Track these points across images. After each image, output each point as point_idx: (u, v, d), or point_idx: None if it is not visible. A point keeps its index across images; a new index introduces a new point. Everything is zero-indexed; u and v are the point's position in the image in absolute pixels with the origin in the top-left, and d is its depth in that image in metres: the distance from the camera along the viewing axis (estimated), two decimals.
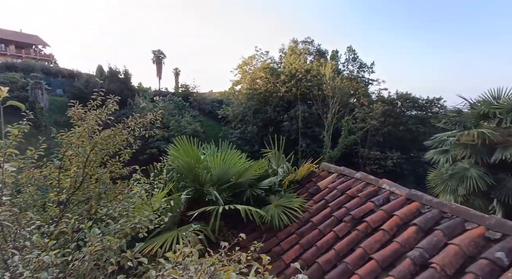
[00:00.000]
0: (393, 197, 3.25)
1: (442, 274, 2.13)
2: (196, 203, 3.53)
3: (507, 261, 2.03)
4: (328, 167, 4.40)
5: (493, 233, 2.29)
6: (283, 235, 3.33)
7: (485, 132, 6.18)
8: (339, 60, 31.69)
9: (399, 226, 2.78)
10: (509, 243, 2.15)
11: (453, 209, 2.66)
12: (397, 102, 25.62)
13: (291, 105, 24.63)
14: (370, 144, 21.97)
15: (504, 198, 5.96)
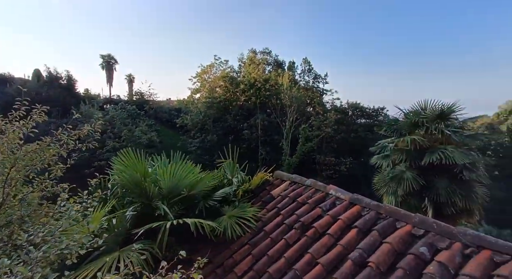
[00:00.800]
0: (338, 202, 3.46)
1: (377, 272, 2.32)
2: (144, 219, 3.32)
3: (429, 255, 2.30)
4: (281, 175, 4.53)
5: (417, 230, 2.58)
6: (236, 246, 3.30)
7: (416, 138, 7.01)
8: (296, 71, 33.36)
9: (343, 229, 2.97)
10: (429, 239, 2.44)
11: (387, 210, 2.93)
12: (348, 111, 27.77)
13: (251, 113, 25.01)
14: (325, 151, 23.28)
15: (433, 196, 6.79)
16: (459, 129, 7.10)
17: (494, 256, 2.10)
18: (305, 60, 33.06)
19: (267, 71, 30.58)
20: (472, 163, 6.70)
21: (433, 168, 6.92)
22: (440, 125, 7.21)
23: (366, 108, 27.23)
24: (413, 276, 2.19)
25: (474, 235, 2.27)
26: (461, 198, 6.59)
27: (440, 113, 7.28)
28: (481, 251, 2.17)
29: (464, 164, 6.59)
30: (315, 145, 22.03)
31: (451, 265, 2.12)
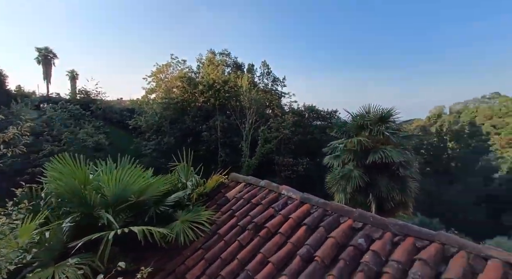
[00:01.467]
0: (290, 201, 3.61)
1: (322, 265, 2.48)
2: (85, 230, 3.04)
3: (365, 245, 2.54)
4: (237, 178, 4.55)
5: (357, 223, 2.83)
6: (189, 252, 3.22)
7: (362, 139, 7.68)
8: (255, 73, 33.91)
9: (293, 227, 3.11)
10: (367, 230, 2.69)
11: (332, 207, 3.16)
12: (305, 113, 29.19)
13: (210, 115, 24.65)
14: (284, 152, 24.08)
15: (377, 193, 7.50)
16: (396, 131, 7.98)
17: (416, 242, 2.41)
18: (264, 63, 33.81)
19: (226, 72, 30.48)
20: (406, 161, 7.60)
21: (375, 166, 7.66)
22: (381, 127, 8.02)
23: (321, 111, 28.94)
24: (352, 266, 2.40)
25: (402, 225, 2.58)
26: (398, 192, 7.42)
27: (381, 116, 8.11)
28: (406, 239, 2.48)
29: (400, 162, 7.44)
30: (274, 146, 22.64)
31: (382, 253, 2.37)
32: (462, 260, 2.09)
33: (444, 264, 2.15)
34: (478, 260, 2.07)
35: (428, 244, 2.35)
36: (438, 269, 2.12)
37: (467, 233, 20.87)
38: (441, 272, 2.09)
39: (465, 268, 2.02)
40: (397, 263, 2.23)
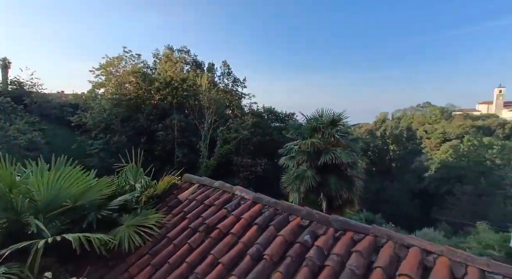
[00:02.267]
0: (243, 201, 3.65)
1: (271, 263, 2.56)
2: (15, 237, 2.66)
3: (311, 242, 2.69)
4: (190, 178, 4.45)
5: (305, 221, 2.99)
6: (134, 258, 3.04)
7: (314, 141, 8.13)
8: (215, 73, 33.47)
9: (245, 227, 3.15)
10: (312, 227, 2.86)
11: (283, 206, 3.28)
12: (264, 115, 29.76)
13: (167, 113, 23.52)
14: (243, 153, 24.17)
15: (327, 191, 8.01)
16: (345, 134, 8.63)
17: (354, 236, 2.64)
18: (224, 63, 33.57)
19: (185, 70, 29.49)
20: (353, 162, 8.27)
21: (326, 166, 8.17)
22: (332, 130, 8.59)
23: (279, 113, 29.82)
24: (298, 262, 2.52)
25: (343, 220, 2.80)
26: (346, 191, 8.03)
27: (332, 120, 8.69)
28: (346, 233, 2.69)
29: (348, 163, 8.06)
30: (233, 147, 22.58)
31: (325, 248, 2.55)
32: (389, 249, 2.35)
33: (375, 254, 2.39)
34: (402, 248, 2.35)
35: (364, 237, 2.59)
36: (370, 258, 2.35)
37: (402, 226, 23.50)
38: (372, 261, 2.32)
39: (392, 256, 2.28)
40: (337, 256, 2.41)
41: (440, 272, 1.99)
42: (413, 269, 2.07)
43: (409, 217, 31.14)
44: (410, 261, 2.15)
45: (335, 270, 2.31)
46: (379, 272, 2.16)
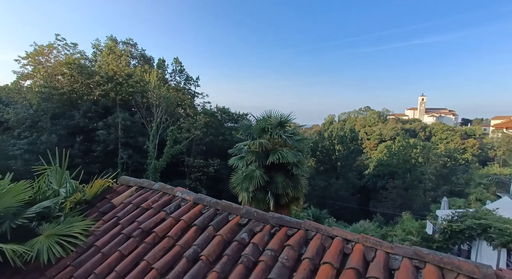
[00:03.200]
0: (183, 203, 3.56)
1: (207, 263, 2.54)
2: None
3: (248, 239, 2.75)
4: (127, 181, 4.16)
5: (244, 219, 3.05)
6: (54, 271, 2.71)
7: (263, 142, 8.34)
8: (166, 69, 31.92)
9: (184, 229, 3.07)
10: (250, 225, 2.93)
11: (223, 206, 3.29)
12: (217, 114, 29.46)
13: (109, 111, 21.55)
14: (195, 153, 23.56)
15: (274, 190, 8.29)
16: (292, 135, 9.05)
17: (288, 231, 2.79)
18: (176, 60, 32.27)
19: (131, 65, 27.44)
20: (299, 161, 8.72)
21: (274, 166, 8.45)
22: (280, 131, 8.92)
23: (233, 113, 29.87)
24: (234, 260, 2.55)
25: (278, 217, 2.93)
26: (292, 189, 8.42)
27: (280, 121, 9.03)
28: (281, 229, 2.83)
29: (294, 162, 8.46)
30: (184, 147, 21.81)
31: (260, 244, 2.63)
32: (317, 241, 2.54)
33: (305, 246, 2.56)
34: (328, 239, 2.57)
35: (296, 232, 2.75)
36: (300, 251, 2.52)
37: (345, 219, 25.74)
38: (302, 253, 2.49)
39: (319, 246, 2.47)
40: (271, 251, 2.52)
41: (355, 256, 2.23)
42: (334, 256, 2.28)
43: (351, 210, 34.21)
44: (332, 250, 2.36)
45: (268, 265, 2.40)
46: (306, 262, 2.32)
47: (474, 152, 59.26)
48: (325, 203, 32.58)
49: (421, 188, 37.07)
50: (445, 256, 2.00)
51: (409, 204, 33.38)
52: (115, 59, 24.46)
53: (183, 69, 31.56)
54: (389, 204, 34.81)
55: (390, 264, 2.17)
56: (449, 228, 8.48)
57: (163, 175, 20.58)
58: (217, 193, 24.02)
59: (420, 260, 2.10)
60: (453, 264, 1.94)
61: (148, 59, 30.35)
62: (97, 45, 26.06)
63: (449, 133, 73.04)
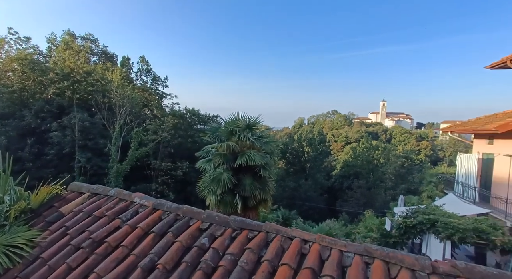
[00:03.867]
0: (142, 209, 3.39)
1: (164, 271, 2.44)
2: None
3: (208, 244, 2.70)
4: (79, 187, 3.85)
5: (205, 224, 2.98)
6: None
7: (231, 144, 8.30)
8: (132, 68, 30.41)
9: (140, 237, 2.92)
10: (212, 230, 2.88)
11: (184, 211, 3.19)
12: (187, 116, 28.72)
13: (64, 111, 19.86)
14: (162, 156, 22.65)
15: (242, 192, 8.27)
16: (259, 137, 9.13)
17: (249, 234, 2.79)
18: (142, 59, 30.88)
19: (91, 62, 25.66)
20: (267, 163, 8.81)
21: (242, 168, 8.45)
22: (248, 133, 8.95)
23: (202, 115, 29.33)
24: (193, 266, 2.48)
25: (239, 220, 2.92)
26: (260, 191, 8.48)
27: (248, 123, 9.06)
28: (242, 232, 2.82)
29: (261, 165, 8.54)
30: (150, 150, 20.86)
31: (221, 249, 2.60)
32: (277, 243, 2.57)
33: (265, 248, 2.58)
34: (287, 240, 2.62)
35: (257, 234, 2.76)
36: (260, 253, 2.53)
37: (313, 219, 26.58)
38: (262, 255, 2.50)
39: (278, 248, 2.50)
40: (231, 255, 2.49)
41: (311, 256, 2.30)
42: (292, 257, 2.33)
43: (320, 210, 35.43)
44: (291, 251, 2.41)
45: (227, 269, 2.38)
46: (266, 264, 2.34)
47: (427, 153, 65.07)
48: (294, 204, 33.35)
49: (382, 187, 39.71)
50: (390, 251, 2.15)
51: (372, 202, 35.54)
52: (73, 55, 22.64)
53: (150, 68, 30.30)
54: (354, 203, 36.74)
55: (343, 261, 2.27)
56: (403, 224, 9.17)
57: (127, 179, 19.48)
58: (186, 197, 23.33)
59: (370, 256, 2.23)
60: (397, 258, 2.09)
61: (111, 57, 28.60)
62: (52, 39, 23.86)
63: (406, 136, 79.40)
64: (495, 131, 11.31)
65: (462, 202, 12.16)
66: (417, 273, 2.00)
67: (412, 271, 2.02)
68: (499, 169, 12.36)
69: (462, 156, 14.75)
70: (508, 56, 11.02)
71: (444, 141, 68.66)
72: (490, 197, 12.47)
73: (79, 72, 19.88)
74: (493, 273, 1.76)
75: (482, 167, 13.47)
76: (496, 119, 12.61)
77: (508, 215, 10.68)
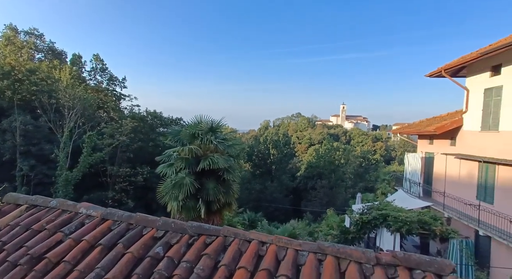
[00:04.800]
0: (88, 220, 3.11)
1: None
2: None
3: (162, 253, 2.57)
4: (15, 199, 3.42)
5: (160, 232, 2.84)
6: None
7: (193, 148, 8.09)
8: (84, 67, 28.10)
9: (86, 251, 2.67)
10: (167, 238, 2.76)
11: (137, 219, 3.01)
12: (148, 119, 27.33)
13: (4, 113, 17.59)
14: (120, 161, 21.18)
15: (205, 197, 8.11)
16: (223, 140, 9.05)
17: (207, 239, 2.72)
18: (96, 57, 28.72)
19: (36, 59, 23.13)
20: (230, 166, 8.76)
21: (205, 172, 8.28)
22: (211, 136, 8.82)
23: (165, 118, 28.18)
24: (145, 278, 2.35)
25: (197, 225, 2.84)
26: (224, 195, 8.39)
27: (211, 126, 8.93)
28: (200, 238, 2.75)
29: (225, 168, 8.46)
30: (106, 155, 19.37)
31: (176, 257, 2.49)
32: (234, 246, 2.55)
33: (223, 253, 2.54)
34: (245, 243, 2.61)
35: (215, 239, 2.71)
36: (217, 258, 2.48)
37: (279, 220, 27.08)
38: (219, 260, 2.46)
39: (235, 252, 2.48)
40: (187, 263, 2.40)
41: (268, 257, 2.33)
42: (249, 260, 2.33)
43: (285, 211, 36.24)
44: (248, 254, 2.41)
45: (182, 278, 2.29)
46: (223, 269, 2.30)
47: (382, 153, 70.76)
48: (261, 206, 33.65)
49: (343, 186, 42.05)
50: (341, 247, 2.27)
51: (333, 201, 37.39)
52: (14, 52, 20.15)
53: (105, 67, 28.28)
54: (317, 203, 38.29)
55: (298, 260, 2.34)
56: (360, 220, 9.80)
57: (79, 188, 17.81)
58: (147, 204, 22.12)
59: (322, 253, 2.33)
60: (346, 253, 2.21)
61: (59, 54, 26.05)
62: None
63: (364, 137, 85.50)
64: (433, 132, 12.73)
65: (409, 197, 13.41)
66: (364, 265, 2.14)
67: (359, 264, 2.15)
68: (438, 166, 13.93)
69: (408, 155, 16.29)
70: (442, 66, 12.52)
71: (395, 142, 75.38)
72: (431, 192, 13.96)
73: (21, 70, 17.73)
74: (426, 260, 1.95)
75: (425, 165, 15.05)
76: (435, 122, 14.22)
77: (445, 207, 12.06)
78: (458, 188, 12.10)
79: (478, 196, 11.13)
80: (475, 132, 11.77)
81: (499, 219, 9.25)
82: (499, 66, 10.77)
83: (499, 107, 10.63)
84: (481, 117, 11.47)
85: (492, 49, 9.54)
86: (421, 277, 1.93)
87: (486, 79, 11.40)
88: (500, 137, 10.46)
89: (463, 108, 12.59)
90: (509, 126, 10.10)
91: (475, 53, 10.50)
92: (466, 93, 12.45)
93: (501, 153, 10.12)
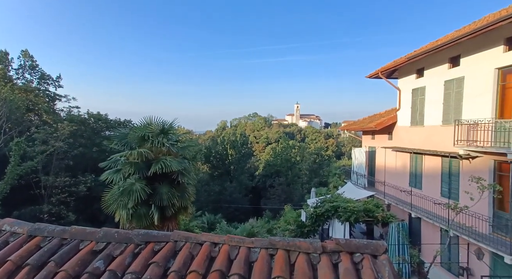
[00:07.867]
0: (13, 238, 2.69)
1: None
2: None
3: (103, 267, 2.34)
4: None
5: (100, 244, 2.58)
6: None
7: (143, 151, 7.59)
8: (11, 64, 24.27)
9: (11, 273, 2.30)
10: (109, 250, 2.52)
11: (72, 233, 2.69)
12: (90, 121, 24.79)
13: None
14: (56, 170, 18.76)
15: (158, 202, 7.67)
16: (176, 142, 8.68)
17: (155, 246, 2.56)
18: (25, 53, 25.05)
19: None
20: (185, 169, 8.44)
21: (157, 176, 7.83)
22: (163, 139, 8.38)
23: (111, 120, 25.90)
24: None
25: (144, 233, 2.65)
26: (178, 199, 8.04)
27: (163, 128, 8.49)
28: (147, 246, 2.57)
29: (179, 170, 8.12)
30: (38, 164, 16.98)
31: (119, 269, 2.29)
32: (185, 251, 2.45)
33: (173, 259, 2.42)
34: (197, 246, 2.53)
35: (164, 245, 2.57)
36: (167, 265, 2.35)
37: (239, 220, 27.11)
38: (169, 267, 2.33)
39: (186, 256, 2.38)
40: (132, 274, 2.22)
41: (220, 258, 2.29)
42: (201, 263, 2.26)
43: (245, 210, 36.40)
44: (200, 257, 2.33)
45: None
46: (172, 276, 2.19)
47: (333, 149, 75.98)
48: (220, 207, 33.24)
49: (299, 183, 43.93)
50: (290, 240, 2.34)
51: (291, 197, 38.84)
52: None
53: (35, 65, 24.80)
54: (276, 200, 39.33)
55: (250, 257, 2.35)
56: (314, 213, 10.36)
57: (7, 204, 15.29)
58: (94, 216, 20.06)
59: (273, 248, 2.38)
60: (295, 246, 2.29)
61: None
62: None
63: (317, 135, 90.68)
64: (374, 128, 14.12)
65: (357, 188, 14.66)
66: (311, 255, 2.24)
67: (308, 254, 2.25)
68: (379, 159, 15.51)
69: (355, 150, 17.80)
70: (379, 69, 13.97)
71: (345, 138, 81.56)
72: (374, 182, 15.48)
73: None
74: (363, 244, 2.14)
75: (368, 158, 16.62)
76: (375, 119, 15.78)
77: (386, 195, 13.49)
78: (395, 178, 13.66)
79: (410, 183, 12.72)
80: (406, 127, 13.42)
81: (426, 202, 10.70)
82: (422, 69, 12.47)
83: (423, 105, 12.29)
84: (410, 114, 13.14)
85: (415, 55, 10.98)
86: (360, 259, 2.11)
87: (413, 81, 13.10)
88: (424, 131, 12.12)
89: (397, 106, 14.25)
90: (431, 121, 11.76)
91: (404, 58, 11.96)
92: (398, 92, 14.12)
93: (426, 144, 11.73)
